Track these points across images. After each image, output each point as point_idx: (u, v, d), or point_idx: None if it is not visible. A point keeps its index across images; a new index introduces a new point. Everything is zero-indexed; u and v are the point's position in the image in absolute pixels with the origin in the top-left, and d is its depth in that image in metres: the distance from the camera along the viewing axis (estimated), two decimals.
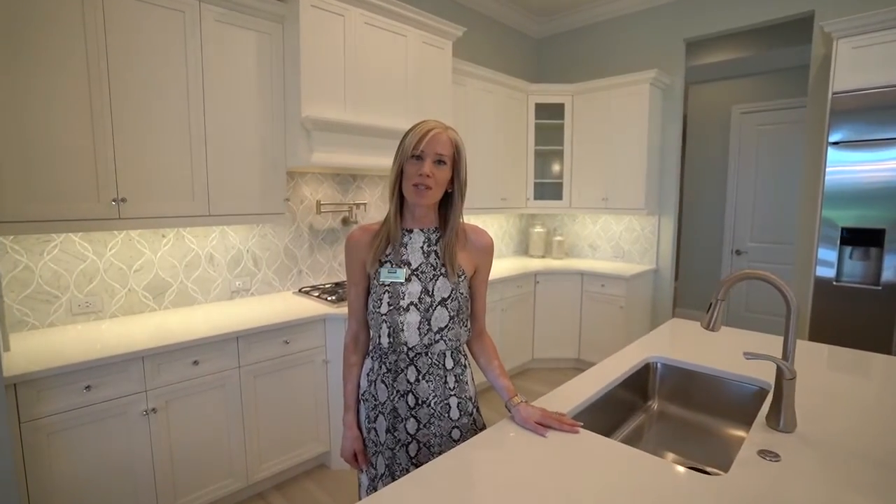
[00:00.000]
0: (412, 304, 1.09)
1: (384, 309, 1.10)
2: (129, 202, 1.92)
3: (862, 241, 2.48)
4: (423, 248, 1.13)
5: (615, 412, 1.45)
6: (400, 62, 2.70)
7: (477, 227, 1.21)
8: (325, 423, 2.37)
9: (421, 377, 1.12)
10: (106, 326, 2.03)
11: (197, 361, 1.90)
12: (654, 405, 1.61)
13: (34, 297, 1.95)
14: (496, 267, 3.57)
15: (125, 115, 1.89)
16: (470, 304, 1.19)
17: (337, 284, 2.85)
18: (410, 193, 1.08)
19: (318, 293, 2.58)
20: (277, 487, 2.27)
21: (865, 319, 2.47)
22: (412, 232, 1.14)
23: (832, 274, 2.57)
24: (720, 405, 1.48)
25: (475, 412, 1.20)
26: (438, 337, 1.11)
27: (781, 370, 1.07)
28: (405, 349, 1.11)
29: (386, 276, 1.11)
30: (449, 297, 1.11)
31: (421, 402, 1.12)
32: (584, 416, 1.24)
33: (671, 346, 1.75)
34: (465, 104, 3.35)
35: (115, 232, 2.13)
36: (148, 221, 1.99)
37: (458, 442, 1.13)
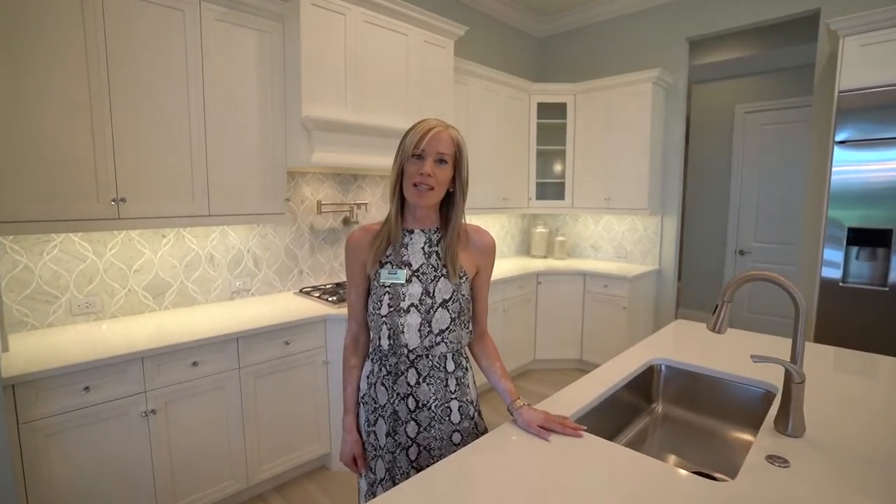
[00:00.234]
0: (413, 305, 1.07)
1: (384, 310, 1.08)
2: (128, 202, 1.91)
3: (869, 241, 2.45)
4: (424, 248, 1.11)
5: (618, 415, 1.43)
6: (401, 61, 2.69)
7: (479, 227, 1.19)
8: (325, 424, 2.35)
9: (421, 380, 1.10)
10: (106, 327, 2.01)
11: (197, 362, 1.89)
12: (658, 408, 1.59)
13: (34, 297, 1.94)
14: (498, 267, 3.55)
15: (125, 114, 1.88)
16: (471, 305, 1.17)
17: (338, 285, 2.84)
18: (411, 193, 1.06)
19: (318, 294, 2.57)
20: (278, 489, 2.26)
21: (872, 321, 2.44)
22: (413, 232, 1.12)
23: (838, 275, 2.54)
24: (725, 408, 1.46)
25: (476, 415, 1.18)
26: (439, 339, 1.09)
27: (790, 373, 1.05)
28: (405, 351, 1.09)
29: (386, 277, 1.09)
30: (450, 298, 1.09)
31: (421, 405, 1.10)
32: (587, 419, 1.22)
33: (675, 347, 1.72)
34: (466, 103, 3.33)
35: (114, 232, 2.12)
36: (148, 221, 1.98)
37: (459, 446, 1.11)
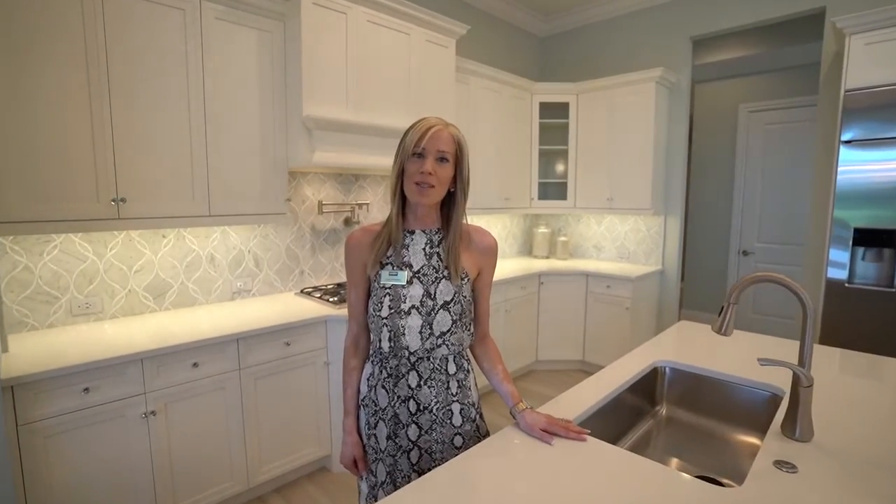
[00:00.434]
0: (414, 307, 1.06)
1: (385, 312, 1.07)
2: (128, 202, 1.90)
3: (875, 241, 2.42)
4: (425, 249, 1.10)
5: (622, 418, 1.41)
6: (403, 60, 2.67)
7: (480, 227, 1.18)
8: (326, 425, 2.34)
9: (422, 382, 1.09)
10: (106, 327, 2.00)
11: (197, 363, 1.88)
12: (662, 410, 1.57)
13: (34, 297, 1.94)
14: (500, 268, 3.51)
15: (124, 113, 1.87)
16: (473, 307, 1.16)
17: (339, 285, 2.82)
18: (412, 192, 1.04)
19: (319, 294, 2.56)
20: (278, 490, 2.24)
21: (879, 322, 2.41)
22: (414, 233, 1.10)
23: (844, 276, 2.51)
24: (730, 411, 1.44)
25: (478, 418, 1.17)
26: (440, 341, 1.07)
27: (798, 377, 1.03)
28: (406, 353, 1.08)
29: (387, 278, 1.08)
30: (451, 300, 1.07)
31: (423, 407, 1.09)
32: (590, 422, 1.21)
33: (679, 349, 1.70)
34: (468, 103, 3.31)
35: (115, 232, 2.11)
36: (148, 221, 1.97)
37: (460, 449, 1.10)
